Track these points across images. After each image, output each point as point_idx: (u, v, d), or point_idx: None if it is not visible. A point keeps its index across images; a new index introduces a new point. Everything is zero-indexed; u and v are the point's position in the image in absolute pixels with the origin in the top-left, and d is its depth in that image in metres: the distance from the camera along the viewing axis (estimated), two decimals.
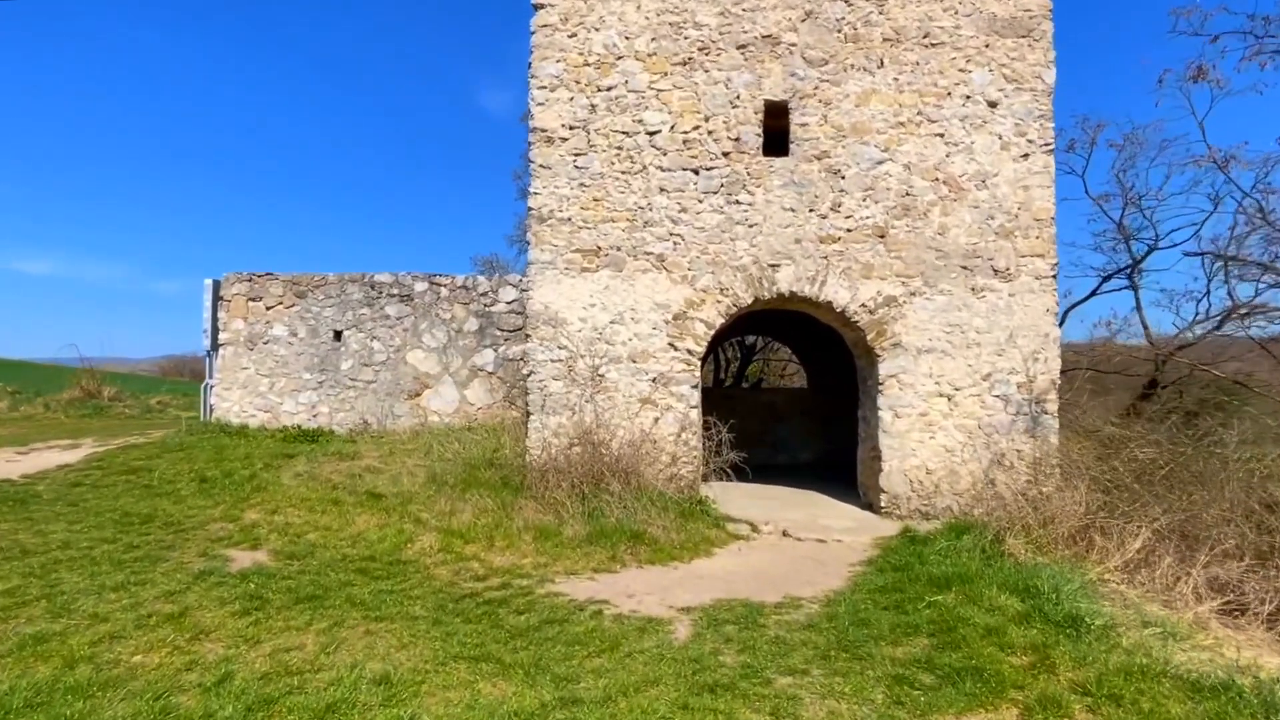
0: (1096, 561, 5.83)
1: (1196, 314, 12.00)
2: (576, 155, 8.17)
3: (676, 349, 8.01)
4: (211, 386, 11.15)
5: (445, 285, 11.15)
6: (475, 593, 5.26)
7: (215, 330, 11.10)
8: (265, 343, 11.06)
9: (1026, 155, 7.91)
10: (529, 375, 8.19)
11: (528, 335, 8.20)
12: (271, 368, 11.03)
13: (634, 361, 8.02)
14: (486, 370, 11.03)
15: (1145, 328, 12.51)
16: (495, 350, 11.00)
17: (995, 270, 7.86)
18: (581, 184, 8.15)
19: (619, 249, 8.08)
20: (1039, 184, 7.89)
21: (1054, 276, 7.88)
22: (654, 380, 7.99)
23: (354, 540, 6.27)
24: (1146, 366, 12.37)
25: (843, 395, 12.16)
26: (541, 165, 8.20)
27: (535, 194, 8.19)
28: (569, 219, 8.15)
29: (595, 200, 8.14)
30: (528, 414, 8.18)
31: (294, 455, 8.88)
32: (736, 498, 8.32)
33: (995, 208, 7.89)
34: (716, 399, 13.05)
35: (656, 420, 7.97)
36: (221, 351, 11.07)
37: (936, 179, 7.93)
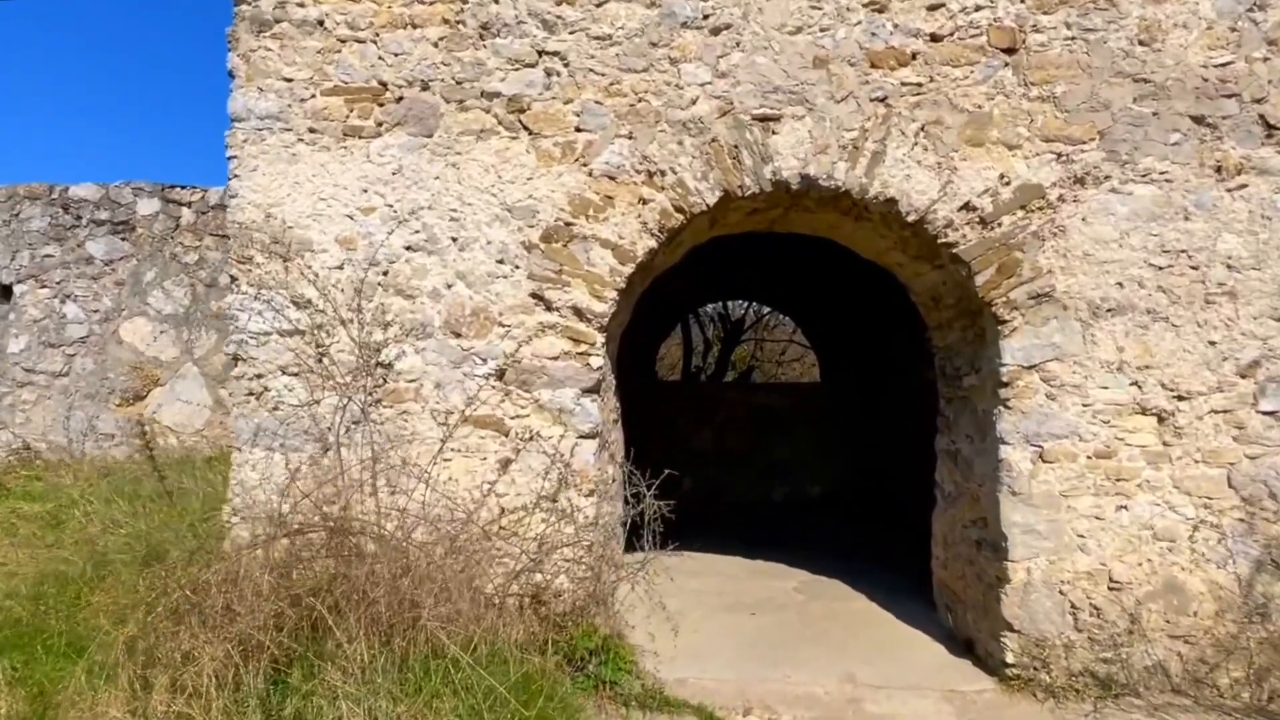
0: None
1: None
2: None
3: (551, 306, 3.62)
4: None
5: (190, 204, 6.51)
6: None
7: None
8: None
9: None
10: (233, 362, 3.80)
11: (233, 277, 3.79)
12: None
13: (456, 334, 3.64)
14: None
15: None
16: None
17: (1269, 126, 3.46)
18: None
19: (426, 86, 3.68)
20: None
21: None
22: (498, 375, 3.61)
23: None
24: None
25: (876, 392, 7.82)
26: None
27: None
28: (319, 22, 3.73)
29: None
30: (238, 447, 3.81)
31: None
32: (689, 608, 3.98)
33: None
34: (684, 400, 8.95)
35: (505, 466, 3.59)
36: None
37: None
